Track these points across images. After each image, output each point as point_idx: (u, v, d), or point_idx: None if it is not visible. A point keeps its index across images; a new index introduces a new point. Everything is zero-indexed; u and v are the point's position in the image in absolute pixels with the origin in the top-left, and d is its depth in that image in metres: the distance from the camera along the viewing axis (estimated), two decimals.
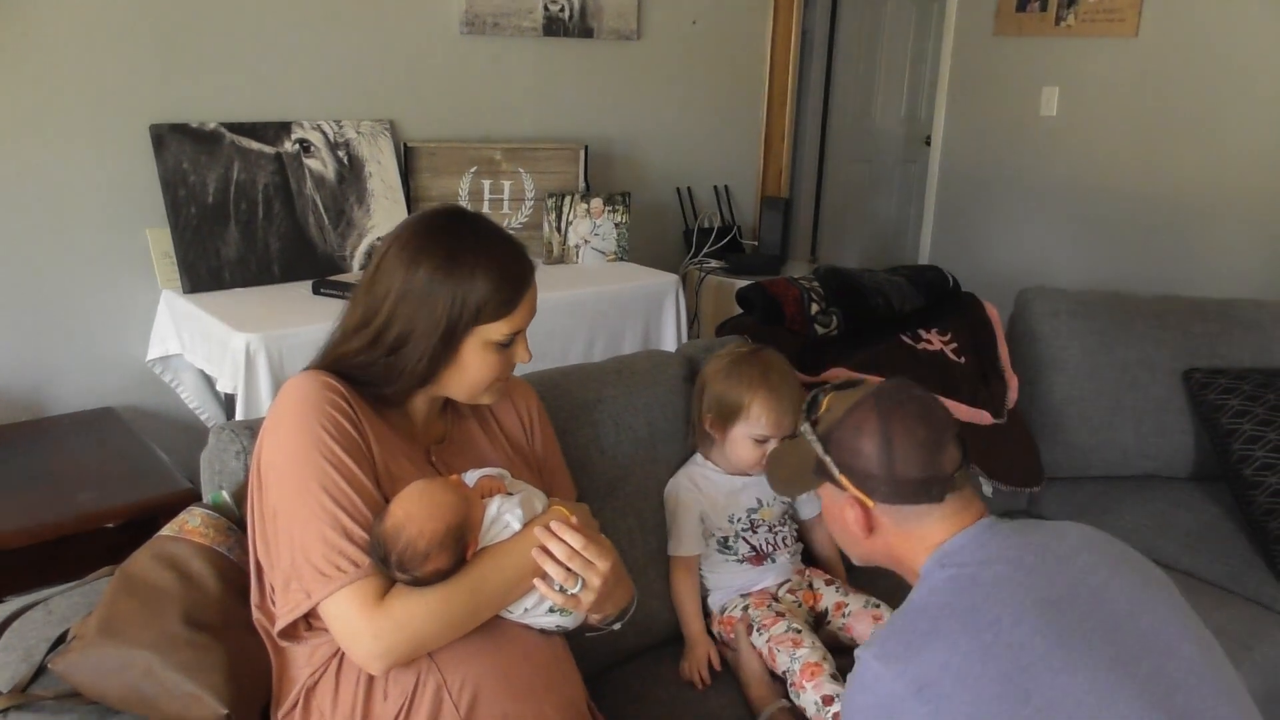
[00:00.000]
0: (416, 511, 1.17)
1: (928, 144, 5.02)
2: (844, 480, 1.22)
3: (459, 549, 1.20)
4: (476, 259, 1.26)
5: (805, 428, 1.29)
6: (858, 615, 1.65)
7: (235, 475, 1.43)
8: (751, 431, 1.65)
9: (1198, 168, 3.92)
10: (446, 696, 1.19)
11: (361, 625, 1.15)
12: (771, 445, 1.65)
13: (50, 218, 2.48)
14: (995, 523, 1.20)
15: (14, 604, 1.43)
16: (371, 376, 1.29)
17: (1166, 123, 3.98)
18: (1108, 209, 4.22)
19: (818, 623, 1.67)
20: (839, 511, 1.26)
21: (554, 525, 1.25)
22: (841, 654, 1.54)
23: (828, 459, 1.24)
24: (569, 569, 1.24)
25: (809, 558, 1.82)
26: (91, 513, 2.01)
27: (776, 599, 1.68)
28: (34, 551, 1.95)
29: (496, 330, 1.28)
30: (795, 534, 1.78)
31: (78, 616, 1.36)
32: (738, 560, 1.71)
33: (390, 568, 1.17)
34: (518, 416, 1.52)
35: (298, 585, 1.18)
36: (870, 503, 1.20)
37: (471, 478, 1.31)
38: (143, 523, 1.98)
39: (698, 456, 1.78)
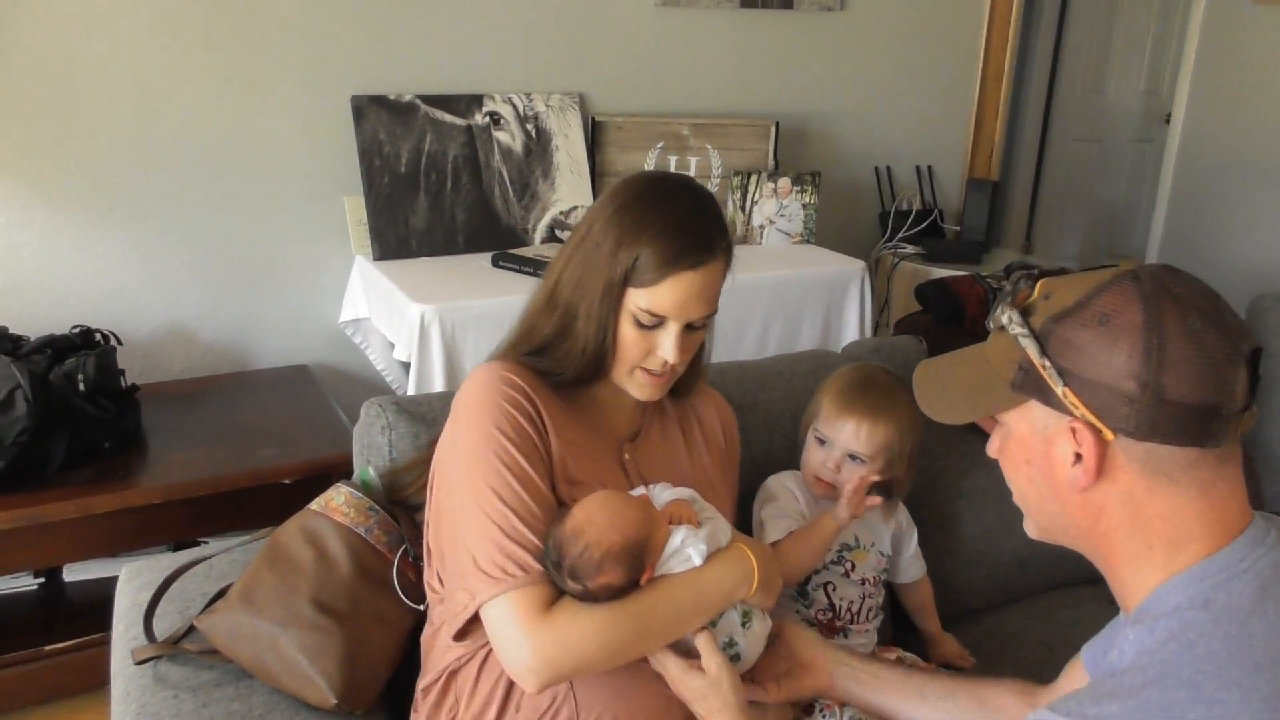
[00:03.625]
0: (598, 519, 1.12)
1: (1167, 123, 4.57)
2: (1069, 397, 0.83)
3: (634, 568, 1.13)
4: (656, 219, 1.16)
5: (1008, 315, 0.88)
6: None
7: (381, 451, 1.45)
8: (816, 426, 1.49)
9: None
10: None
11: (521, 635, 1.08)
12: (831, 455, 1.46)
13: (260, 182, 2.63)
14: (1266, 536, 0.84)
15: (182, 558, 1.52)
16: (555, 362, 1.22)
17: None
18: None
19: None
20: (1040, 448, 0.87)
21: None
22: None
23: (1045, 364, 0.84)
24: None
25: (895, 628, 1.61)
26: (269, 468, 2.12)
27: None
28: (217, 500, 2.08)
29: (634, 300, 1.17)
30: (883, 604, 1.56)
31: (235, 574, 1.43)
32: (808, 619, 1.48)
33: (561, 573, 1.11)
34: (721, 428, 1.44)
35: (464, 586, 1.13)
36: (1110, 434, 0.82)
37: (662, 497, 1.23)
38: (315, 480, 2.07)
39: (797, 473, 1.57)
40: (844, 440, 1.46)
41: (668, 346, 1.19)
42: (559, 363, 1.22)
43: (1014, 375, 0.87)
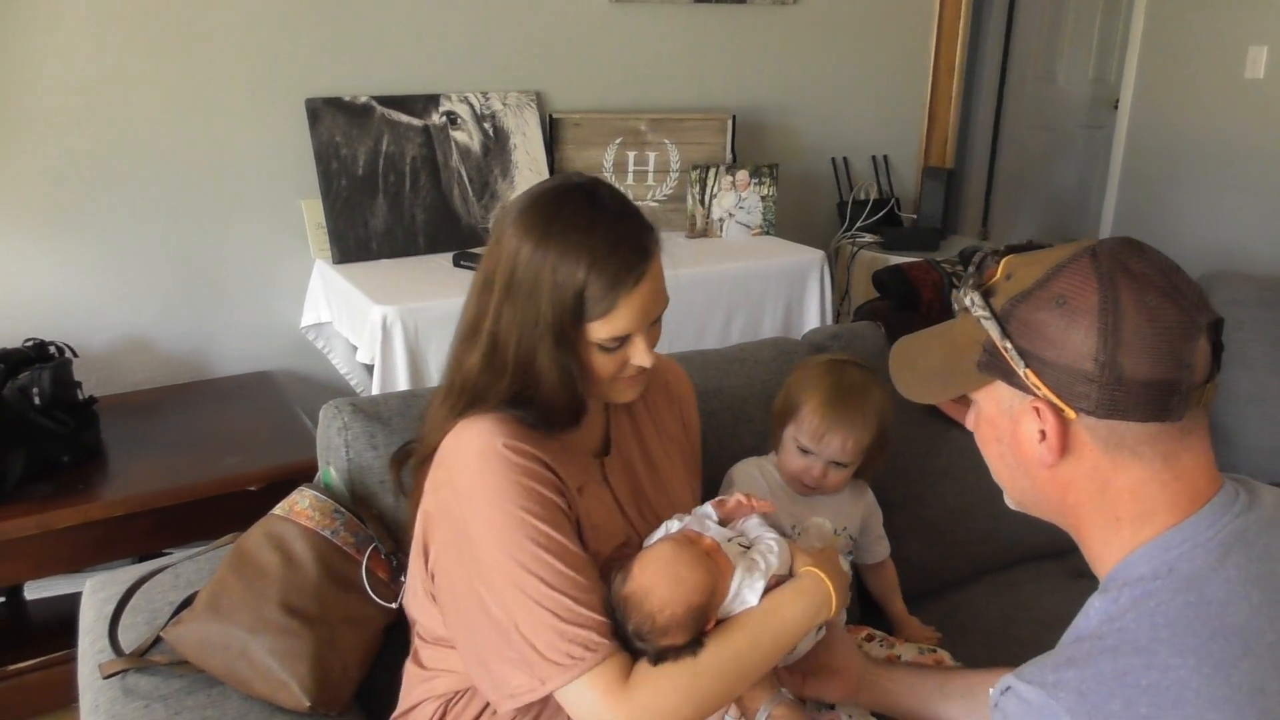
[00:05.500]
0: (660, 585, 1.10)
1: (1116, 108, 4.65)
2: (1031, 378, 0.84)
3: (698, 627, 1.12)
4: (573, 241, 1.07)
5: (970, 298, 0.89)
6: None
7: (338, 452, 1.44)
8: (797, 435, 1.48)
9: None
10: None
11: (607, 712, 1.05)
12: (815, 464, 1.47)
13: (215, 188, 2.60)
14: (1234, 502, 0.85)
15: (144, 568, 1.50)
16: (538, 415, 1.13)
17: None
18: None
19: None
20: (1008, 426, 0.89)
21: None
22: None
23: (1008, 345, 0.85)
24: None
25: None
26: (235, 475, 2.10)
27: None
28: (182, 510, 2.05)
29: (594, 333, 1.10)
30: (850, 584, 1.53)
31: (203, 581, 1.42)
32: None
33: (625, 630, 1.10)
34: (679, 412, 1.41)
35: (526, 672, 1.06)
36: (1071, 413, 0.84)
37: (717, 534, 1.22)
38: (281, 486, 2.04)
39: (771, 455, 1.59)
40: (830, 454, 1.47)
41: (640, 355, 1.15)
42: (543, 415, 1.13)
43: (979, 356, 0.88)
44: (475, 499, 1.09)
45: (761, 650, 1.12)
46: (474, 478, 1.09)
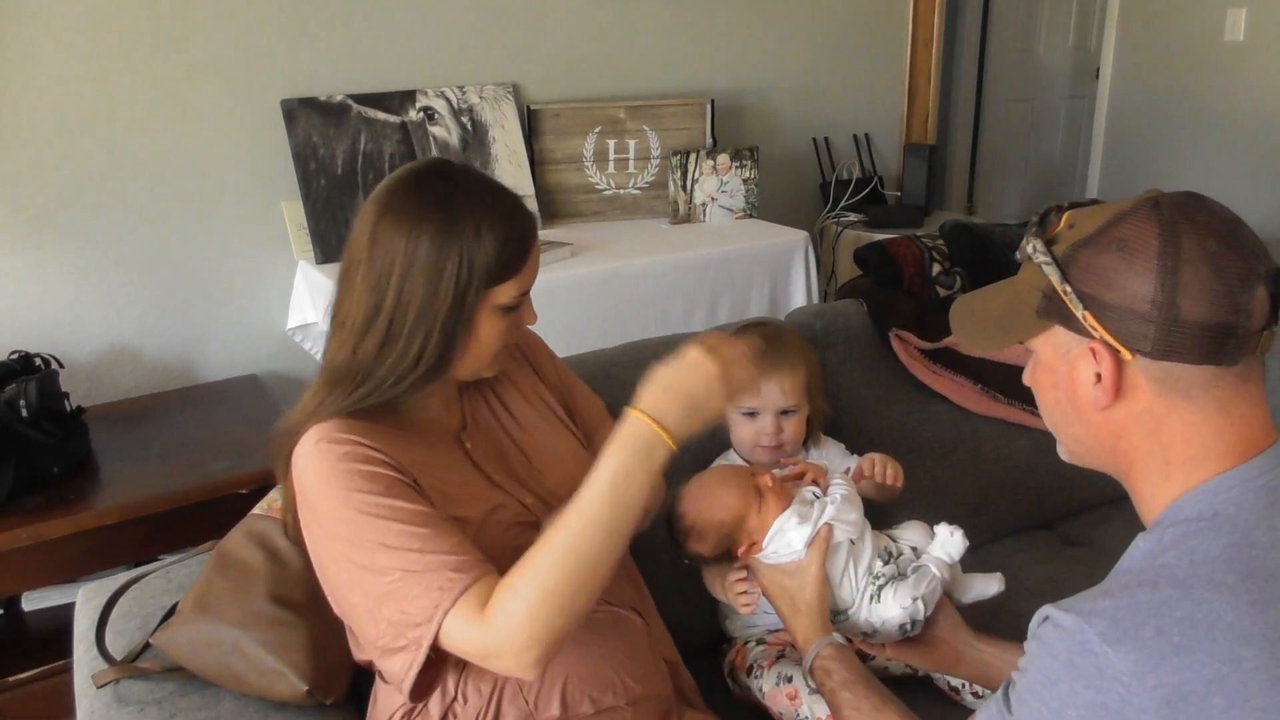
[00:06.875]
0: (690, 493, 1.28)
1: (1097, 77, 4.65)
2: (1089, 320, 0.86)
3: (720, 545, 1.24)
4: (479, 213, 1.12)
5: (1033, 245, 0.90)
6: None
7: None
8: (739, 403, 1.50)
9: None
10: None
11: (479, 641, 1.03)
12: (765, 421, 1.49)
13: (194, 194, 2.59)
14: None
15: (130, 574, 1.51)
16: (384, 388, 1.13)
17: None
18: None
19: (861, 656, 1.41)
20: (1065, 370, 0.90)
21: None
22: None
23: (1067, 289, 0.86)
24: None
25: None
26: (224, 480, 2.10)
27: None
28: (174, 516, 2.05)
29: (505, 293, 1.14)
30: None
31: (192, 584, 1.42)
32: None
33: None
34: (526, 363, 1.40)
35: (405, 650, 1.06)
36: (1128, 354, 0.85)
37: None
38: (272, 489, 2.06)
39: (730, 451, 1.60)
40: (773, 402, 1.50)
41: (530, 311, 1.22)
42: (389, 384, 1.13)
43: (1039, 302, 0.90)
44: (309, 501, 1.12)
45: (601, 523, 1.01)
46: (307, 478, 1.12)
